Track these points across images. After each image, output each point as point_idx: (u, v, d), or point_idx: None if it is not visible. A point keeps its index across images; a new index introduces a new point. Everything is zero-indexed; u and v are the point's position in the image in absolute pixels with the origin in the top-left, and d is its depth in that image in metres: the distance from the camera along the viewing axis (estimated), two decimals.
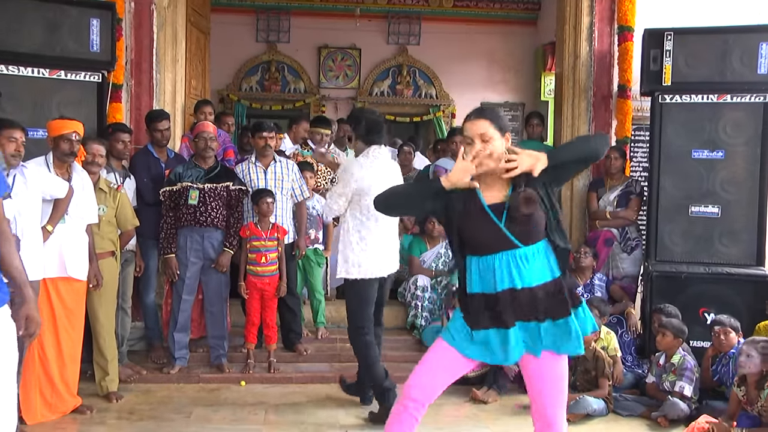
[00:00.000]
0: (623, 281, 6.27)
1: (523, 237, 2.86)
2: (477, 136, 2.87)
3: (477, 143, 2.87)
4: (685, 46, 5.83)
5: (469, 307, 2.93)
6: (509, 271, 2.85)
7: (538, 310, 2.86)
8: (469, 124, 2.92)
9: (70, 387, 4.76)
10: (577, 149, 2.98)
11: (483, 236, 2.86)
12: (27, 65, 5.45)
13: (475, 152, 2.87)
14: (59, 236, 4.52)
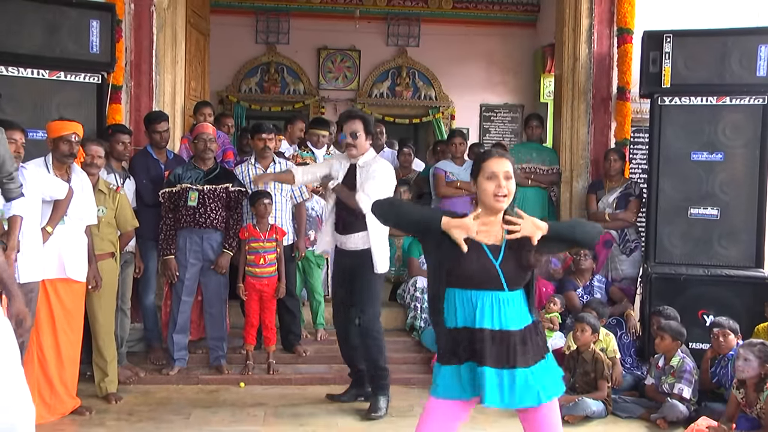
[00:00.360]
0: (622, 283, 6.28)
1: (510, 281, 2.88)
2: (502, 173, 2.89)
3: (501, 180, 2.89)
4: (685, 48, 5.84)
5: (447, 341, 2.89)
6: (491, 310, 2.84)
7: (514, 355, 2.82)
8: (496, 161, 2.93)
9: (69, 388, 4.76)
10: (577, 233, 3.00)
11: (474, 271, 2.85)
12: (27, 66, 5.46)
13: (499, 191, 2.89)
14: (59, 237, 4.51)
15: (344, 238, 4.91)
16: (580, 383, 5.17)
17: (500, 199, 2.88)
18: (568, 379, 5.25)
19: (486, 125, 11.42)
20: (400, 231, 4.41)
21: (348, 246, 4.91)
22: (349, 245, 4.90)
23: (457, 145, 7.09)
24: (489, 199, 2.89)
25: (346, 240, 4.91)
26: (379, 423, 4.83)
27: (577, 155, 6.81)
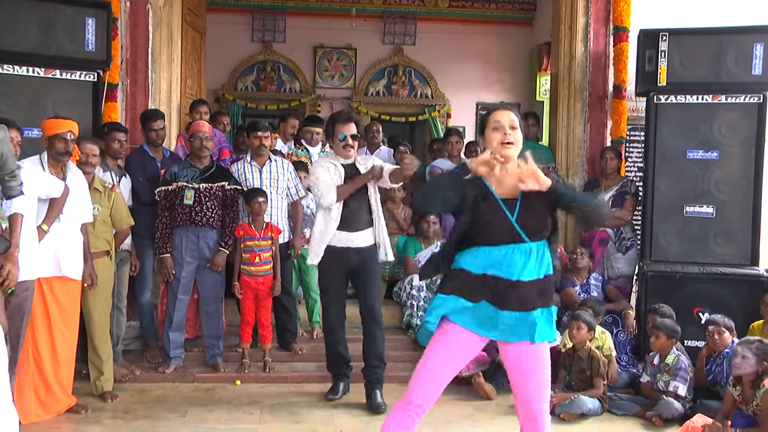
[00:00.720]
0: (618, 281, 6.29)
1: (531, 233, 2.99)
2: (507, 122, 3.03)
3: (507, 129, 3.02)
4: (681, 46, 5.85)
5: (469, 283, 3.00)
6: (513, 262, 2.97)
7: (532, 302, 2.99)
8: (500, 112, 3.08)
9: (64, 386, 4.76)
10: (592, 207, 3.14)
11: (496, 227, 2.98)
12: (22, 64, 5.45)
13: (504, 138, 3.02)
14: (54, 236, 4.50)
15: (355, 235, 4.95)
16: (575, 381, 5.18)
17: (507, 146, 3.00)
18: (563, 377, 5.27)
19: None
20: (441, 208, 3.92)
21: (358, 243, 4.96)
22: (359, 242, 4.96)
23: (453, 143, 7.10)
24: (497, 149, 2.99)
25: (356, 238, 4.95)
26: (377, 420, 4.83)
27: (573, 153, 6.82)
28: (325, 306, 5.24)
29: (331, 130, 4.96)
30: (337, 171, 4.92)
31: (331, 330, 5.20)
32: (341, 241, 4.93)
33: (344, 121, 4.92)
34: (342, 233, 4.92)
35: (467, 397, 5.33)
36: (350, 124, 4.91)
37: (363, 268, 4.99)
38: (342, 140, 4.89)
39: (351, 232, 4.94)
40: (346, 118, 4.96)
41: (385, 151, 8.03)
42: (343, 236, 4.92)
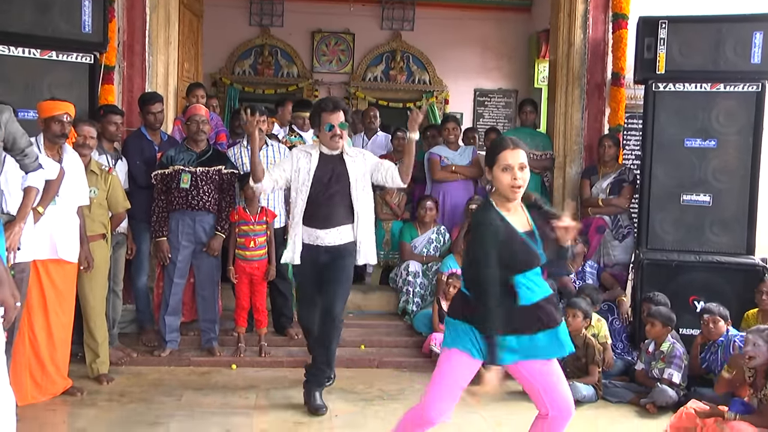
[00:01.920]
0: (614, 269, 6.30)
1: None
2: (517, 164, 3.09)
3: (516, 171, 3.08)
4: (679, 34, 5.84)
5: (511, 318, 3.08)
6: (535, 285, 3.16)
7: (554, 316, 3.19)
8: (510, 153, 3.10)
9: (60, 369, 4.76)
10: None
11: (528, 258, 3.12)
12: (18, 45, 5.41)
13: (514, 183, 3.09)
14: (50, 218, 4.49)
15: (324, 233, 4.58)
16: (570, 368, 5.19)
17: (516, 190, 3.09)
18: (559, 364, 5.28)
19: (480, 110, 11.41)
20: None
21: (327, 242, 4.60)
22: (329, 240, 4.60)
23: (450, 129, 7.08)
24: (506, 191, 3.10)
25: (325, 235, 4.59)
26: (372, 405, 4.86)
27: (570, 141, 6.81)
28: (298, 308, 5.00)
29: (317, 119, 4.61)
30: (309, 160, 4.60)
31: (306, 334, 4.92)
32: (309, 238, 4.61)
33: (331, 110, 4.55)
34: (310, 229, 4.60)
35: None
36: (337, 113, 4.55)
37: (333, 266, 4.59)
38: (329, 130, 4.55)
39: (319, 229, 4.58)
40: (332, 106, 4.58)
41: (382, 136, 8.02)
42: (311, 233, 4.60)
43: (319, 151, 4.62)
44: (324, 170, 4.57)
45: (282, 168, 4.67)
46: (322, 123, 4.56)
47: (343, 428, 4.44)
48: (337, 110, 4.57)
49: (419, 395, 5.03)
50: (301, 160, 4.62)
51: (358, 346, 5.96)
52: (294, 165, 4.62)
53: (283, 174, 4.65)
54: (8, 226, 3.97)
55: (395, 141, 7.59)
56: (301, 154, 4.64)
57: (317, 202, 4.56)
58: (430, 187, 7.10)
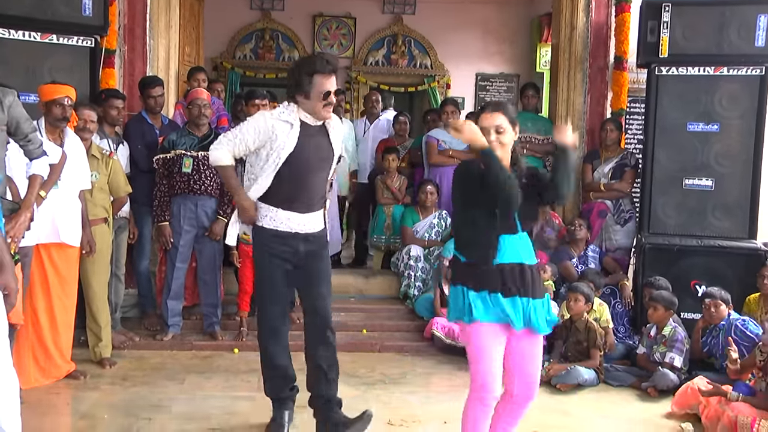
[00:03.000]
0: (616, 253, 6.30)
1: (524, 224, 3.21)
2: (493, 128, 3.14)
3: (492, 134, 3.14)
4: (683, 17, 5.80)
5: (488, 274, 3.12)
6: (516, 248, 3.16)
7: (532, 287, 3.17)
8: (486, 116, 3.17)
9: (63, 353, 4.78)
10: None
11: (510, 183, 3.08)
12: (18, 28, 5.39)
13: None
14: (52, 202, 4.48)
15: (305, 219, 3.86)
16: (572, 352, 5.21)
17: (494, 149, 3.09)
18: (560, 348, 5.29)
19: (482, 95, 11.35)
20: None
21: (310, 228, 3.89)
22: (311, 227, 3.90)
23: (449, 113, 7.06)
24: None
25: (306, 222, 3.87)
26: (373, 389, 4.87)
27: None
28: (262, 306, 4.05)
29: (307, 81, 3.72)
30: (289, 131, 3.74)
31: (272, 337, 4.00)
32: (287, 224, 3.82)
33: (328, 72, 3.75)
34: (288, 213, 3.81)
35: (464, 366, 5.32)
36: (333, 77, 3.79)
37: (311, 258, 3.92)
38: (324, 97, 3.74)
39: (301, 213, 3.83)
40: (330, 68, 3.77)
41: (384, 120, 8.01)
42: (290, 218, 3.82)
43: (301, 120, 3.79)
44: (306, 143, 3.78)
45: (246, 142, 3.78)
46: (314, 88, 3.73)
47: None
48: (334, 74, 3.81)
49: (421, 379, 5.08)
50: (278, 129, 3.73)
51: (359, 331, 5.97)
52: (267, 135, 3.73)
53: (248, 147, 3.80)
54: (13, 217, 3.93)
55: (397, 125, 7.59)
56: (279, 124, 3.74)
57: (298, 181, 3.79)
58: (428, 171, 7.08)
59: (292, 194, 3.80)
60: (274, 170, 3.74)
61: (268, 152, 3.74)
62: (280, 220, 3.82)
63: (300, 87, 3.75)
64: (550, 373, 4.97)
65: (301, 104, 3.78)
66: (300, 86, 3.75)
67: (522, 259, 3.17)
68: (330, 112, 3.83)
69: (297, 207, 3.82)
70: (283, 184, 3.77)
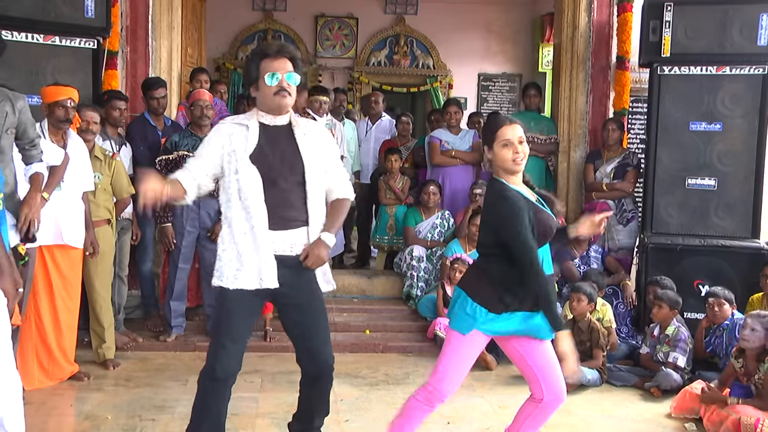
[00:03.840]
0: (619, 253, 6.30)
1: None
2: (516, 138, 3.16)
3: (517, 145, 3.16)
4: (685, 17, 5.79)
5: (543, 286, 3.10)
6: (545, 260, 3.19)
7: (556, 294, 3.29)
8: (509, 128, 3.17)
9: (67, 354, 4.78)
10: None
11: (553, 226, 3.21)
12: (21, 30, 5.40)
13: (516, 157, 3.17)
14: (55, 204, 4.49)
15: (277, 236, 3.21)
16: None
17: (519, 162, 3.17)
18: None
19: (484, 94, 11.36)
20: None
21: (281, 249, 3.21)
22: (284, 248, 3.22)
23: (452, 113, 7.06)
24: (509, 165, 3.16)
25: (280, 240, 3.21)
26: (377, 390, 4.87)
27: (575, 125, 6.79)
28: (215, 348, 3.24)
29: (254, 69, 3.24)
30: (246, 136, 3.22)
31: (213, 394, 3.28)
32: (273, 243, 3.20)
33: (274, 54, 3.23)
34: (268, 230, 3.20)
35: None
36: (282, 59, 3.22)
37: (296, 288, 3.24)
38: (273, 84, 3.19)
39: (276, 231, 3.20)
40: (276, 50, 3.25)
41: (386, 121, 8.01)
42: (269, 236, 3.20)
43: (258, 121, 3.28)
44: (268, 147, 3.24)
45: (205, 160, 3.24)
46: (261, 74, 3.22)
47: (349, 412, 4.46)
48: (282, 56, 3.24)
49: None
50: (234, 136, 3.23)
51: (362, 331, 5.97)
52: (225, 147, 3.22)
53: (211, 168, 3.25)
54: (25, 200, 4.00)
55: (400, 126, 7.59)
56: (234, 128, 3.24)
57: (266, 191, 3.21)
58: (430, 171, 7.09)
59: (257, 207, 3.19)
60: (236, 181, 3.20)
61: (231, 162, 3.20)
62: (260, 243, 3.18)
63: (250, 78, 3.30)
64: None
65: (258, 101, 3.31)
66: (250, 77, 3.30)
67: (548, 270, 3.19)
68: (284, 100, 3.23)
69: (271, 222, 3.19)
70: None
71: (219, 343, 3.22)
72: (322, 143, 3.36)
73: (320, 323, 3.33)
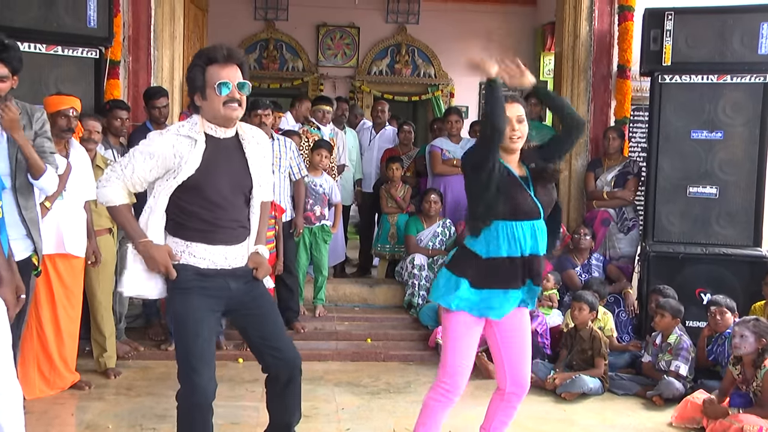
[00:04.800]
0: (620, 261, 6.30)
1: (545, 209, 3.26)
2: (515, 116, 3.24)
3: (515, 123, 3.23)
4: (686, 25, 5.81)
5: (485, 269, 3.19)
6: (534, 238, 3.21)
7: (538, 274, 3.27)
8: (508, 106, 3.22)
9: (68, 363, 4.78)
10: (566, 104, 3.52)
11: (523, 203, 3.18)
12: (23, 40, 5.38)
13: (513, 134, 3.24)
14: (57, 213, 4.50)
15: (230, 251, 3.13)
16: (577, 361, 5.19)
17: (515, 140, 3.23)
18: (565, 357, 5.29)
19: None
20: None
21: (235, 263, 3.14)
22: (237, 262, 3.16)
23: (453, 122, 7.08)
24: (505, 141, 3.20)
25: (233, 254, 3.14)
26: (378, 399, 4.86)
27: None
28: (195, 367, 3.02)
29: (200, 76, 3.01)
30: (193, 148, 3.01)
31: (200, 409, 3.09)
32: (208, 260, 3.07)
33: (224, 60, 3.02)
34: (207, 248, 3.06)
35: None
36: (232, 66, 3.03)
37: (249, 296, 3.21)
38: (223, 94, 2.98)
39: (226, 245, 3.11)
40: (225, 55, 3.02)
41: (390, 130, 8.03)
42: (210, 252, 3.07)
43: (204, 133, 3.06)
44: (214, 163, 3.05)
45: (139, 172, 3.03)
46: (209, 82, 3.00)
47: (350, 421, 4.45)
48: (233, 62, 3.04)
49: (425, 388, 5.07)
50: (181, 147, 3.00)
51: (364, 340, 5.96)
52: (171, 158, 3.00)
53: (144, 179, 3.05)
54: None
55: (401, 134, 7.61)
56: (180, 140, 3.01)
57: (216, 207, 3.06)
58: (431, 180, 7.10)
59: (210, 222, 3.06)
60: (167, 194, 3.02)
61: (175, 172, 3.01)
62: (200, 255, 3.06)
63: (194, 85, 3.04)
64: (555, 382, 4.97)
65: (203, 110, 3.07)
66: (194, 84, 3.04)
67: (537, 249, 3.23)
68: (234, 113, 3.03)
69: (219, 239, 3.08)
70: (193, 213, 3.04)
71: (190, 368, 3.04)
72: (265, 154, 3.26)
73: (280, 325, 3.34)
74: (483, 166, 3.15)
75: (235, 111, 3.03)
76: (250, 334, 3.26)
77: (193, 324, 3.03)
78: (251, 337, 3.26)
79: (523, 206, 3.18)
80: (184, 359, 3.05)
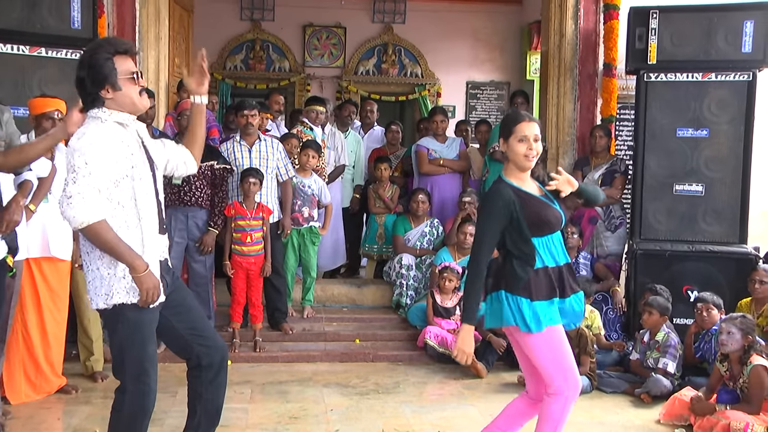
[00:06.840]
0: (607, 259, 6.32)
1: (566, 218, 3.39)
2: (533, 136, 3.24)
3: (532, 143, 3.23)
4: (671, 24, 5.84)
5: (534, 281, 3.21)
6: (561, 247, 3.31)
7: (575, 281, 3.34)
8: (527, 125, 3.25)
9: (54, 367, 4.75)
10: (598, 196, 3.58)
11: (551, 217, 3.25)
12: (6, 42, 5.37)
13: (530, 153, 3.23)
14: (42, 216, 4.47)
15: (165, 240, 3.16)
16: None
17: (530, 159, 3.24)
18: None
19: (472, 103, 11.40)
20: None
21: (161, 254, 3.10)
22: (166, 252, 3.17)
23: (438, 122, 7.09)
24: (520, 160, 3.24)
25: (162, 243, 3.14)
26: (367, 400, 4.86)
27: (563, 132, 6.81)
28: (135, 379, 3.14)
29: (110, 68, 2.93)
30: (136, 139, 3.02)
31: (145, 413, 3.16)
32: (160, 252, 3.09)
33: (131, 51, 3.00)
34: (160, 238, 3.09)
35: (458, 375, 5.36)
36: (134, 57, 3.04)
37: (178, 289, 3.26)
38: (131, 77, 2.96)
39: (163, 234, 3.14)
40: (129, 46, 3.01)
41: (378, 130, 8.01)
42: (160, 243, 3.10)
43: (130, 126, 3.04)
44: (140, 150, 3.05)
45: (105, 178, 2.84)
46: (121, 73, 2.95)
47: (339, 422, 4.44)
48: (134, 53, 3.08)
49: (414, 388, 5.08)
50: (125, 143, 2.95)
51: (352, 340, 5.96)
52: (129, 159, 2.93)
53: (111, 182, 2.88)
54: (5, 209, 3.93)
55: (389, 134, 7.60)
56: (123, 134, 2.96)
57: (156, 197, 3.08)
58: (418, 180, 7.09)
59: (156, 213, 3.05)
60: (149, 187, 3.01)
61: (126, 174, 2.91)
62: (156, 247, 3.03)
63: (105, 78, 2.92)
64: None
65: (113, 101, 2.96)
66: (104, 77, 2.93)
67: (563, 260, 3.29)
68: (145, 102, 3.03)
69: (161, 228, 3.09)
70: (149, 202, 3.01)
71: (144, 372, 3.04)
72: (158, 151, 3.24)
73: (203, 314, 3.40)
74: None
75: (144, 100, 3.06)
76: (177, 327, 3.21)
77: (149, 326, 3.04)
78: (179, 330, 3.21)
79: (552, 220, 3.25)
80: (137, 363, 3.03)
